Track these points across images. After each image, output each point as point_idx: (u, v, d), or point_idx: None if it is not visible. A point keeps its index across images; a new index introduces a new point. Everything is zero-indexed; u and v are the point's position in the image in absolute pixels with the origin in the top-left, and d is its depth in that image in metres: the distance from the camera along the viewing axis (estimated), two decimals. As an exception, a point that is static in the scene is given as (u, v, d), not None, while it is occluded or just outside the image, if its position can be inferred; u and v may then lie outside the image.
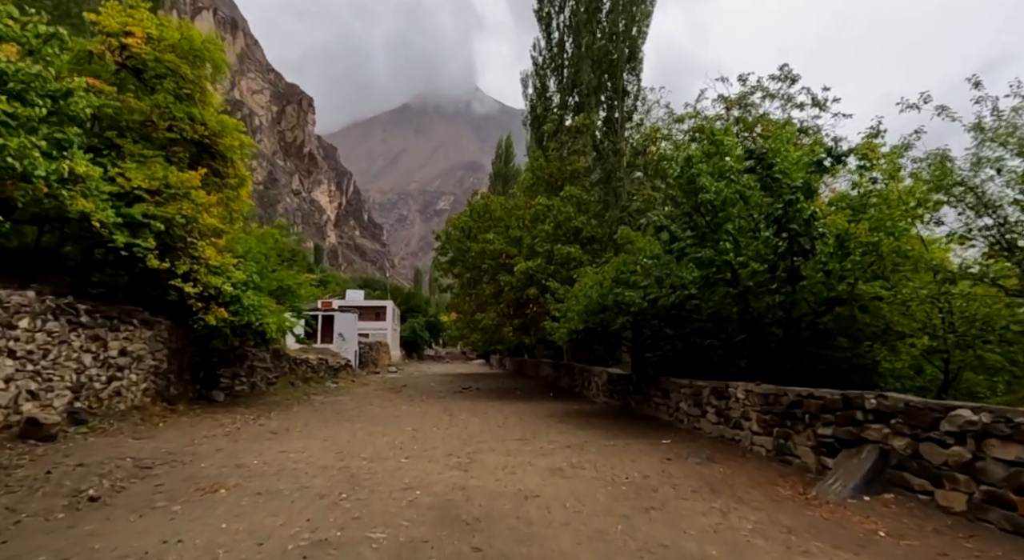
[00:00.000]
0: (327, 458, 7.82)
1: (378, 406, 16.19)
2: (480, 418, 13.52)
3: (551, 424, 12.36)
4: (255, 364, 17.78)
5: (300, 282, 19.52)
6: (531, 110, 30.19)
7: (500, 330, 20.25)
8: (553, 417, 13.79)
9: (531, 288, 18.26)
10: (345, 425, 11.64)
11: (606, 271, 12.25)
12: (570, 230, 19.08)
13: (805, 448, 6.97)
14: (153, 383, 11.96)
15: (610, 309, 11.65)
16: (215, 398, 15.26)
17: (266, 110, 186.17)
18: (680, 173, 8.60)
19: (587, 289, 12.31)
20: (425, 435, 10.54)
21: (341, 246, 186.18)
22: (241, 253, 15.66)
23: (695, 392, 10.46)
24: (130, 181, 10.80)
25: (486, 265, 20.49)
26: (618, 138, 21.24)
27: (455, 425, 12.13)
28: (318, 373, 24.08)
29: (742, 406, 8.68)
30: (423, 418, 13.38)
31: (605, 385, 16.83)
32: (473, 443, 9.64)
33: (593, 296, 11.83)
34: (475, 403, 17.39)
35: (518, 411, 15.19)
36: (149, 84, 12.39)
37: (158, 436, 9.05)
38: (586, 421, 12.73)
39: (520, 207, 22.22)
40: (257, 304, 13.66)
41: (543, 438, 10.28)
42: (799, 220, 7.13)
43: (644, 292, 10.61)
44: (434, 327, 70.35)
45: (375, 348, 38.42)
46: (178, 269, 11.29)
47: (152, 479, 6.16)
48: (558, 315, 14.12)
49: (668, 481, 6.69)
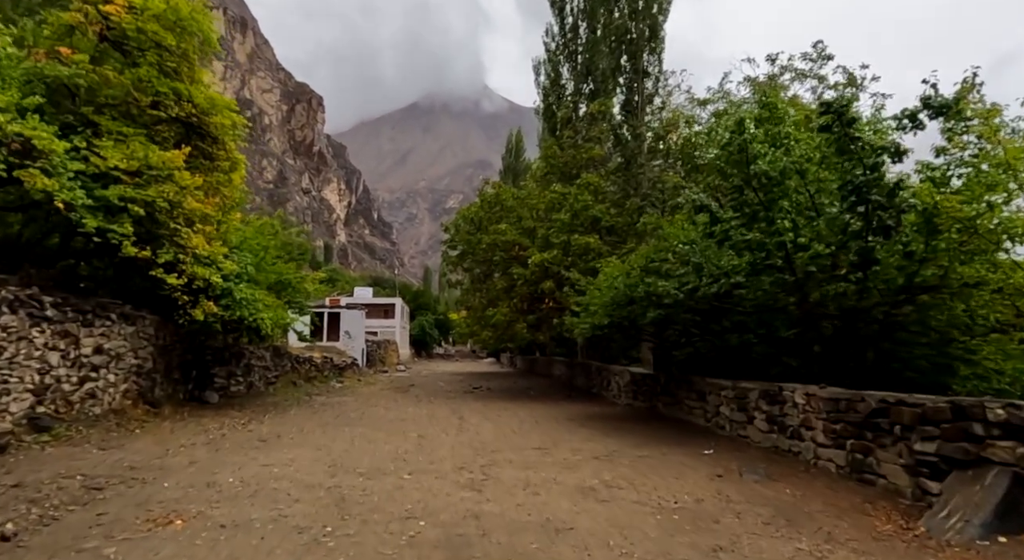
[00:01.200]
0: (316, 474, 6.67)
1: (383, 408, 15.06)
2: (493, 422, 12.35)
3: (572, 429, 11.15)
4: (253, 363, 16.72)
5: (301, 276, 18.43)
6: (543, 98, 28.96)
7: (513, 326, 19.07)
8: (573, 421, 12.58)
9: (546, 281, 17.05)
10: (344, 430, 10.50)
11: (633, 260, 11.02)
12: (588, 219, 17.84)
13: (894, 467, 5.71)
14: (135, 384, 10.89)
15: (639, 302, 10.40)
16: (208, 399, 14.22)
17: (276, 109, 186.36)
18: (729, 140, 7.35)
19: (612, 280, 11.08)
20: (432, 443, 9.37)
21: (351, 245, 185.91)
22: (236, 243, 14.61)
23: (739, 395, 9.20)
24: (106, 160, 9.70)
25: (498, 258, 19.30)
26: (638, 122, 19.98)
27: (466, 430, 10.97)
28: (322, 372, 23.04)
29: (801, 412, 7.41)
30: (430, 422, 12.23)
31: (628, 385, 15.58)
32: (487, 453, 8.46)
33: (620, 287, 10.59)
34: (487, 405, 16.22)
35: (533, 414, 14.00)
36: (131, 57, 11.32)
37: (129, 445, 7.95)
38: (611, 426, 11.51)
39: (533, 196, 21.00)
40: (251, 298, 12.57)
41: (566, 447, 9.08)
42: (883, 190, 5.86)
43: (680, 282, 9.36)
44: (443, 325, 69.34)
45: (383, 346, 37.40)
46: (160, 258, 10.20)
47: (97, 505, 5.03)
48: (579, 309, 12.90)
49: (728, 507, 5.46)
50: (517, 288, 18.69)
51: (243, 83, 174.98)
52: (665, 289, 9.34)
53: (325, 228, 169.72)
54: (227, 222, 14.70)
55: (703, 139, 12.87)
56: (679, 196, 17.04)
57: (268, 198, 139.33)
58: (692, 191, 8.75)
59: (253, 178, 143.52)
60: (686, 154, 17.35)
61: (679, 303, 9.49)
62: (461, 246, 21.76)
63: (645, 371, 14.83)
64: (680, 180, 16.71)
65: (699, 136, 14.90)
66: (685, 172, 16.82)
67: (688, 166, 17.17)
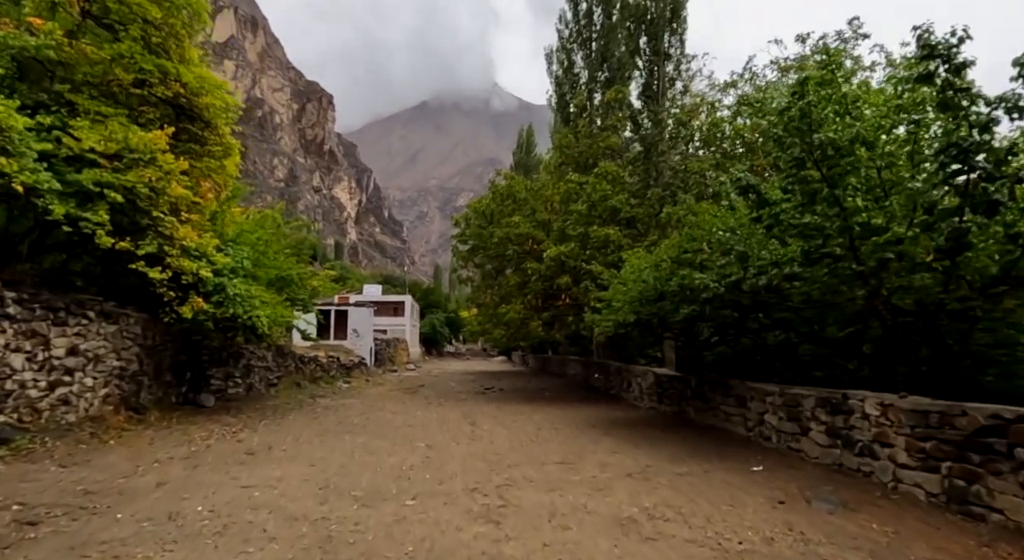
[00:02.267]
0: (304, 499, 5.65)
1: (389, 411, 14.08)
2: (507, 428, 11.31)
3: (596, 438, 10.07)
4: (253, 363, 15.82)
5: (304, 272, 17.48)
6: (556, 88, 27.86)
7: (526, 324, 18.01)
8: (595, 428, 11.51)
9: (563, 276, 15.97)
10: (344, 440, 9.51)
11: (662, 251, 9.91)
12: (607, 210, 16.72)
13: (1015, 500, 4.58)
14: (118, 388, 9.98)
15: (670, 297, 9.30)
16: (203, 403, 13.32)
17: (286, 108, 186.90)
18: (788, 105, 6.21)
19: (639, 273, 9.98)
20: (441, 455, 8.34)
21: (361, 243, 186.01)
22: (232, 236, 13.69)
23: (789, 402, 8.06)
24: (80, 142, 8.78)
25: (510, 252, 18.24)
26: (659, 107, 18.79)
27: (478, 439, 9.93)
28: (328, 372, 22.14)
29: (874, 426, 6.28)
30: (440, 428, 11.21)
31: (652, 388, 14.46)
32: (503, 468, 7.41)
33: (648, 281, 9.50)
34: (500, 408, 15.19)
35: (551, 418, 12.95)
36: (112, 31, 10.39)
37: (96, 460, 7.00)
38: (638, 434, 10.41)
39: (547, 188, 19.91)
40: (246, 294, 11.63)
41: (592, 460, 8.01)
42: (995, 154, 4.72)
43: (719, 274, 8.24)
44: (454, 323, 68.47)
45: (392, 345, 36.52)
46: (141, 250, 9.27)
47: (22, 549, 4.05)
48: (600, 305, 11.81)
49: (809, 550, 4.36)
50: (531, 284, 17.62)
51: (254, 82, 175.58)
52: (702, 282, 8.22)
53: (336, 226, 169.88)
54: (223, 213, 13.83)
55: (749, 111, 11.67)
56: (705, 184, 15.93)
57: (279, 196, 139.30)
58: (737, 169, 7.61)
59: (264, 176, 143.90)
60: (711, 136, 16.18)
61: (718, 298, 8.38)
62: (472, 240, 20.72)
63: (671, 372, 13.70)
64: (707, 167, 15.54)
65: (743, 108, 13.71)
66: (714, 159, 15.64)
67: (716, 152, 16.00)
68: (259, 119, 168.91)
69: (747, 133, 14.35)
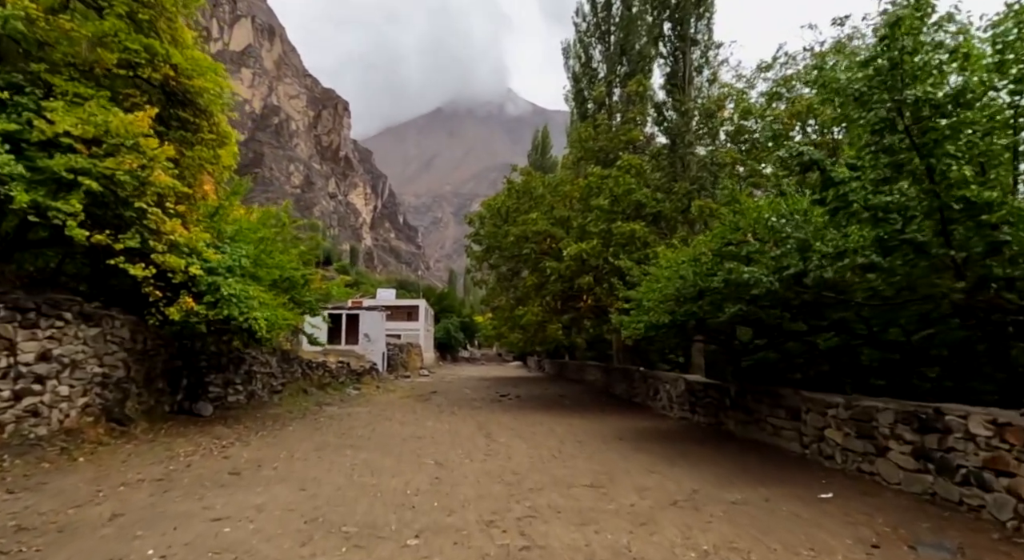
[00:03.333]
0: (282, 538, 4.63)
1: (398, 421, 13.07)
2: (527, 442, 10.22)
3: (626, 454, 8.94)
4: (255, 369, 14.94)
5: (310, 274, 16.58)
6: (573, 83, 26.91)
7: (544, 328, 16.91)
8: (623, 440, 10.38)
9: (584, 276, 14.85)
10: (345, 455, 8.50)
11: (701, 243, 8.76)
12: (631, 205, 15.60)
13: None
14: (99, 397, 9.08)
15: (711, 294, 8.16)
16: (200, 411, 12.44)
17: (303, 115, 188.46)
18: (874, 55, 5.09)
19: (676, 268, 8.84)
20: (452, 475, 7.29)
21: (376, 248, 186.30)
22: (231, 233, 12.84)
23: (859, 415, 6.87)
24: (54, 125, 7.94)
25: (527, 250, 17.16)
26: (684, 97, 17.64)
27: (495, 454, 8.86)
28: (337, 378, 21.23)
29: (984, 449, 5.09)
30: (452, 441, 10.17)
31: (682, 396, 13.28)
32: (524, 493, 6.34)
33: (688, 277, 8.36)
34: (517, 417, 14.10)
35: (573, 429, 11.84)
36: (98, 11, 9.58)
37: (54, 483, 6.06)
38: (673, 449, 9.26)
39: (566, 183, 18.83)
40: (242, 294, 10.71)
41: (626, 482, 6.90)
42: None
43: (774, 266, 7.09)
44: (468, 328, 67.55)
45: (405, 350, 35.61)
46: (121, 243, 8.38)
47: None
48: (629, 306, 10.69)
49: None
50: (549, 285, 16.53)
51: (271, 89, 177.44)
52: (753, 277, 7.08)
53: (351, 232, 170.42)
54: (224, 208, 13.01)
55: (813, 75, 10.38)
56: (739, 176, 14.74)
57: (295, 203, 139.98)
58: (798, 143, 6.47)
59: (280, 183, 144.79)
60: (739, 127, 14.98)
61: (772, 294, 7.23)
62: (486, 240, 19.70)
63: (706, 380, 12.51)
64: (740, 158, 14.35)
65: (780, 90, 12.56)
66: (744, 149, 14.47)
67: (746, 141, 14.82)
68: (275, 126, 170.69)
69: (785, 118, 13.16)
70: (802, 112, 12.57)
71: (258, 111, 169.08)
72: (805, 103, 12.70)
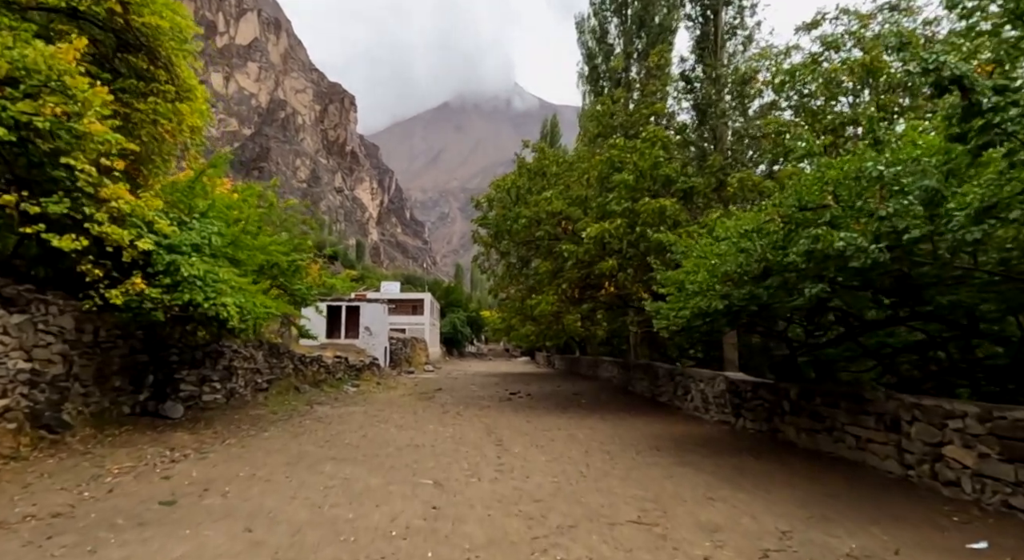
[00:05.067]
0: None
1: (395, 425, 11.41)
2: (545, 452, 8.51)
3: (669, 469, 7.21)
4: (235, 364, 13.30)
5: (300, 259, 14.92)
6: (587, 60, 25.05)
7: (560, 319, 15.17)
8: (660, 451, 8.64)
9: (607, 260, 13.08)
10: (322, 472, 6.81)
11: (770, 209, 6.95)
12: (658, 180, 13.80)
13: None
14: (25, 398, 7.44)
15: (786, 271, 6.39)
16: (168, 413, 10.82)
17: (309, 109, 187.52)
18: None
19: (736, 240, 7.06)
20: (455, 503, 5.59)
21: (383, 243, 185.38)
22: (203, 209, 11.18)
23: (1002, 431, 5.08)
24: (-49, 57, 6.30)
25: (542, 233, 15.40)
26: (716, 62, 15.78)
27: (508, 471, 7.15)
28: (333, 374, 19.62)
29: None
30: (457, 451, 8.48)
31: (721, 397, 11.51)
32: (551, 535, 4.62)
33: (753, 250, 6.59)
34: (531, 419, 12.40)
35: (597, 435, 10.12)
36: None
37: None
38: (727, 464, 7.51)
39: (584, 159, 17.03)
40: (209, 277, 9.06)
41: (685, 518, 5.16)
42: None
43: (882, 229, 5.31)
44: (475, 323, 65.92)
45: (409, 345, 33.99)
46: (43, 208, 6.74)
47: None
48: (667, 290, 8.92)
49: None
50: (566, 271, 14.77)
51: (277, 83, 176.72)
52: (851, 245, 5.30)
53: (358, 227, 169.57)
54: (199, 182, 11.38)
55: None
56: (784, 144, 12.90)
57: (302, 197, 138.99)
58: (931, 51, 4.69)
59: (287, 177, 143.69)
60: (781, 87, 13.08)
61: (877, 266, 5.43)
62: (495, 225, 17.93)
63: (753, 378, 10.73)
64: (786, 125, 12.51)
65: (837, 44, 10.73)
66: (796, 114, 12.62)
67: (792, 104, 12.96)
68: (282, 120, 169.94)
69: (846, 75, 11.32)
70: (870, 65, 10.72)
71: (264, 105, 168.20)
72: (872, 56, 10.89)
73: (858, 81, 11.05)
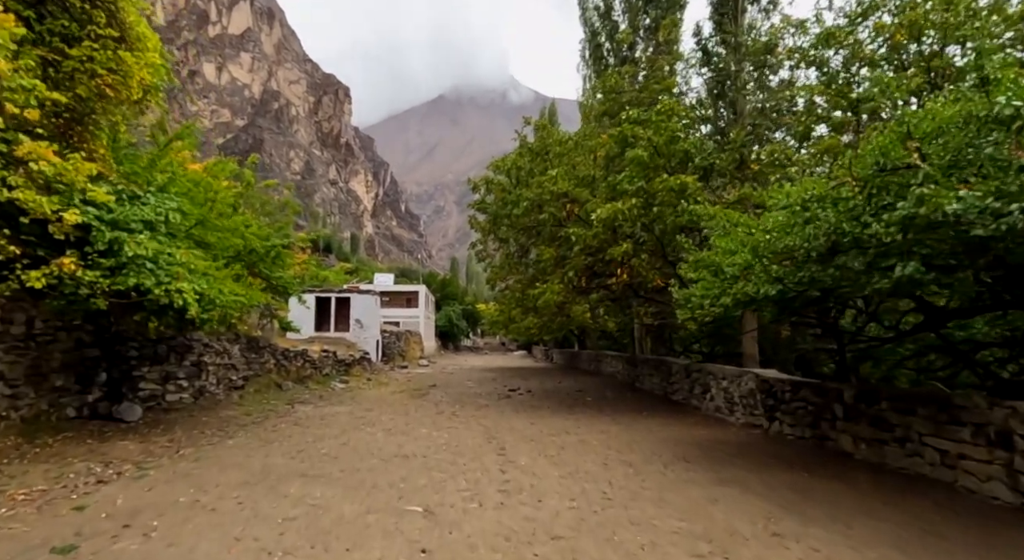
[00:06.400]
0: None
1: (383, 428, 10.08)
2: (557, 464, 7.21)
3: (712, 491, 5.91)
4: (206, 360, 11.92)
5: (278, 245, 13.50)
6: (590, 37, 23.58)
7: (564, 310, 13.83)
8: (692, 462, 7.35)
9: (622, 244, 11.73)
10: (284, 497, 5.48)
11: (841, 172, 5.61)
12: (676, 156, 12.46)
13: None
14: (-77, 402, 6.08)
15: (868, 245, 5.07)
16: (124, 416, 9.49)
17: (303, 100, 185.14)
18: None
19: (797, 211, 5.71)
20: (450, 542, 4.27)
21: (378, 236, 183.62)
22: (162, 183, 9.79)
23: None
24: None
25: (546, 215, 14.03)
26: (736, 28, 14.42)
27: (515, 492, 5.84)
28: (320, 370, 18.26)
29: None
30: (452, 463, 7.16)
31: (751, 396, 10.22)
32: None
33: (827, 219, 5.25)
34: (534, 421, 11.10)
35: (613, 442, 8.83)
36: None
37: None
38: (777, 481, 6.23)
39: (591, 137, 15.68)
40: (162, 259, 7.69)
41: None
42: None
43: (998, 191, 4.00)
44: (471, 316, 64.67)
45: (403, 338, 32.63)
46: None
47: None
48: (699, 274, 7.59)
49: None
50: (572, 258, 13.43)
51: (270, 74, 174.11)
52: (972, 208, 3.99)
53: (352, 219, 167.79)
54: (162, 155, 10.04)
55: None
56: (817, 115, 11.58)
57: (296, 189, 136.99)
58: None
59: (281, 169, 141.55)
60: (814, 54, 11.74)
61: (1013, 233, 4.12)
62: (494, 208, 16.57)
63: (793, 377, 9.44)
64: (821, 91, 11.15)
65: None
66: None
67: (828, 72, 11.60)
68: (275, 111, 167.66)
69: (889, 32, 9.98)
70: (919, 21, 9.38)
71: (257, 96, 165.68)
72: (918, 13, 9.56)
73: (908, 37, 9.69)
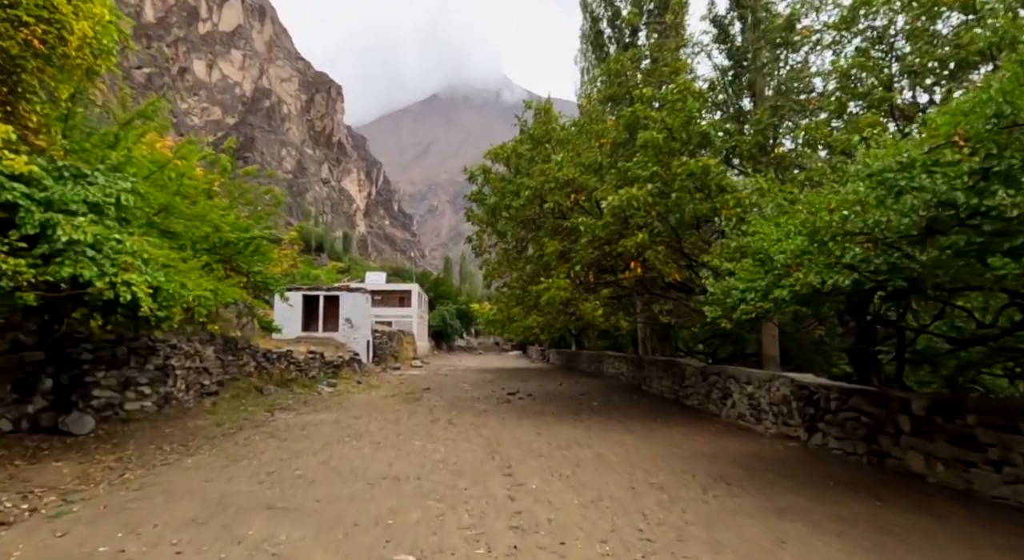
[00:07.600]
0: None
1: (370, 441, 8.90)
2: (575, 488, 6.07)
3: (777, 527, 4.80)
4: (173, 363, 10.68)
5: (257, 238, 12.30)
6: (591, 24, 22.46)
7: (570, 307, 12.69)
8: (735, 486, 6.23)
9: (637, 235, 10.60)
10: (243, 537, 4.31)
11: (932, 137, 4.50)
12: (693, 139, 11.36)
13: None
14: None
15: (982, 222, 3.97)
16: (72, 429, 8.29)
17: (295, 98, 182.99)
18: None
19: (882, 183, 4.59)
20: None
21: (371, 236, 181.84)
22: (117, 162, 8.57)
23: None
24: None
25: (551, 204, 12.89)
26: (755, 3, 13.35)
27: (530, 530, 4.70)
28: (306, 373, 17.03)
29: None
30: (452, 487, 6.00)
31: (785, 403, 9.12)
32: None
33: (932, 188, 4.13)
34: (540, 431, 9.95)
35: (634, 457, 7.71)
36: None
37: None
38: (850, 511, 5.12)
39: (598, 121, 14.56)
40: (107, 246, 6.49)
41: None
42: None
43: None
44: (466, 316, 63.48)
45: (395, 338, 31.40)
46: None
47: None
48: (737, 265, 6.47)
49: None
50: (579, 251, 12.28)
51: (262, 72, 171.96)
52: None
53: (345, 218, 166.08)
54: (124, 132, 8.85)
55: None
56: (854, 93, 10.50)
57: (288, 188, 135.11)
58: None
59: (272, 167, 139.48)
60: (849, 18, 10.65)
61: None
62: (492, 199, 15.42)
63: (835, 383, 8.34)
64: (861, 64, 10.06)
65: None
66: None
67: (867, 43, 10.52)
68: (267, 109, 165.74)
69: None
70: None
71: (249, 94, 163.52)
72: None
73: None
